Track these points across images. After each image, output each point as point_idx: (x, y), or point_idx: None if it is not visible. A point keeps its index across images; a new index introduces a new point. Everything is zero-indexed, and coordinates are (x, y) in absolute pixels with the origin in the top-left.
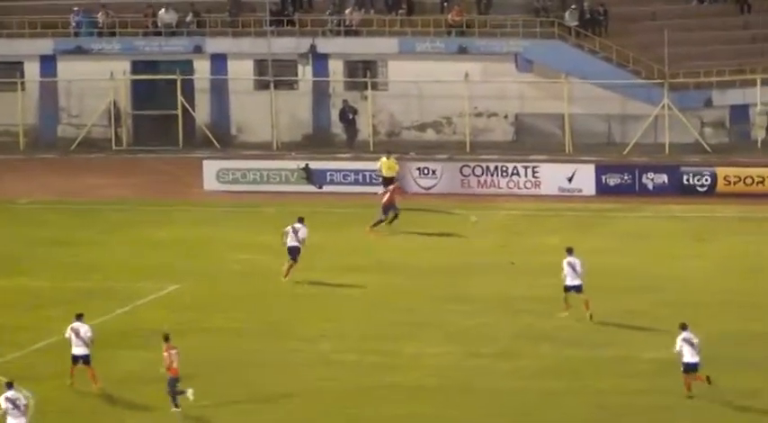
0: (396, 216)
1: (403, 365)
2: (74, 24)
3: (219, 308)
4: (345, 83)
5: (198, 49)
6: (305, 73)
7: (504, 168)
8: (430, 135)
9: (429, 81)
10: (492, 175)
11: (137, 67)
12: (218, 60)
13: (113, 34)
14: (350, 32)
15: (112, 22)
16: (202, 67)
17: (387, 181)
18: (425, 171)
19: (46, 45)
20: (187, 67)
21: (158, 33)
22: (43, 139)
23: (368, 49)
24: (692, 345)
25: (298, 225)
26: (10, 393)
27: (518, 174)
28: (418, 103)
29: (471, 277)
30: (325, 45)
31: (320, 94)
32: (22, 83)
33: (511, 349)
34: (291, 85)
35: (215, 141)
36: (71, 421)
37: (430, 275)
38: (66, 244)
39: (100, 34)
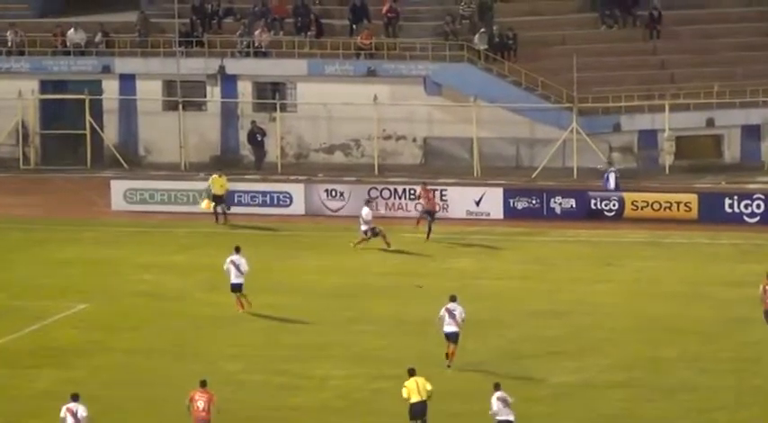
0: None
1: (309, 387)
2: None
3: (126, 328)
4: (254, 104)
5: (107, 69)
6: (213, 94)
7: (412, 191)
8: (338, 157)
9: (338, 103)
10: (400, 198)
11: (45, 86)
12: (127, 80)
13: (22, 53)
14: (259, 54)
15: (21, 41)
16: (111, 87)
17: (217, 199)
18: (333, 193)
19: None
20: (96, 86)
21: (67, 53)
22: None
23: (277, 71)
24: (453, 316)
25: (365, 209)
26: (72, 405)
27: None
28: (327, 126)
29: (376, 299)
30: (234, 66)
31: (229, 115)
32: None
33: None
34: (200, 106)
35: (123, 161)
36: None
37: (335, 297)
38: None
39: (8, 53)
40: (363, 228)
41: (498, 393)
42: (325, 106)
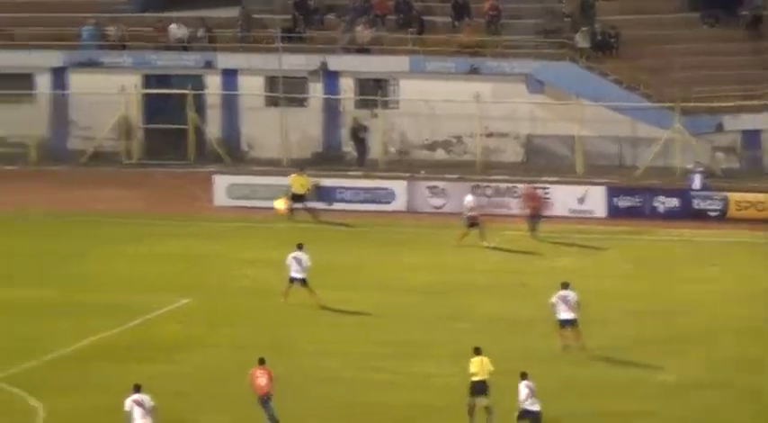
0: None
1: (410, 384)
2: (84, 36)
3: (227, 323)
4: (356, 101)
5: (209, 65)
6: (315, 90)
7: (515, 189)
8: (440, 154)
9: (440, 100)
10: (502, 196)
11: (148, 80)
12: (229, 76)
13: (124, 48)
14: (361, 50)
15: (123, 35)
16: (213, 83)
17: (297, 197)
18: (435, 190)
19: (56, 57)
20: (198, 82)
21: (170, 48)
22: (54, 151)
23: (379, 68)
24: (567, 303)
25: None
26: (137, 396)
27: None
28: (429, 122)
29: (477, 296)
30: (335, 63)
31: (331, 111)
32: (33, 95)
33: (518, 370)
34: (302, 103)
35: (225, 157)
36: None
37: (437, 294)
38: (76, 256)
39: (111, 47)
40: (467, 214)
41: (526, 381)
42: (427, 103)
